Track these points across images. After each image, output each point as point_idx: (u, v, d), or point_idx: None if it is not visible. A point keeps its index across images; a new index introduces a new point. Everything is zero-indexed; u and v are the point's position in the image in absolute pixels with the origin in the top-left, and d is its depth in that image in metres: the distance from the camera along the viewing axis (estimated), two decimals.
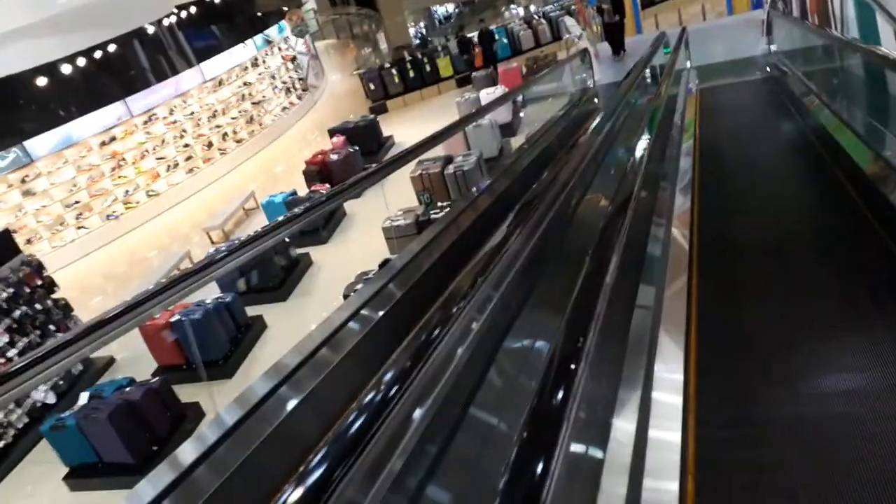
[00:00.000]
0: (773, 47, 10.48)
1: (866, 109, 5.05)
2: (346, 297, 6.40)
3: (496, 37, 17.56)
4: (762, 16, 11.49)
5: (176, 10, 14.90)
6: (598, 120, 5.47)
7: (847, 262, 3.73)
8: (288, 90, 19.16)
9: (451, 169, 9.22)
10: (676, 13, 16.14)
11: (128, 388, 6.11)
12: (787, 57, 9.05)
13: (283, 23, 19.70)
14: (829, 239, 4.09)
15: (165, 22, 14.63)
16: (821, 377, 2.83)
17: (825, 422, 2.53)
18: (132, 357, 7.72)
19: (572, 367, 1.84)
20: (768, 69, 9.83)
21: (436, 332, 2.42)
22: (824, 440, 2.43)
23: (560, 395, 1.68)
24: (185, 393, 6.60)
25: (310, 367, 2.57)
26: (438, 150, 9.67)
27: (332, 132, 13.31)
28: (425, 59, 17.69)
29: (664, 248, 3.85)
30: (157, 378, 6.49)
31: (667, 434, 2.33)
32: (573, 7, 18.23)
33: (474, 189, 4.93)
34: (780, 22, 10.13)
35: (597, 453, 2.03)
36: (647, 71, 8.66)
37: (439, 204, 8.29)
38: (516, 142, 11.40)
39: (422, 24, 26.86)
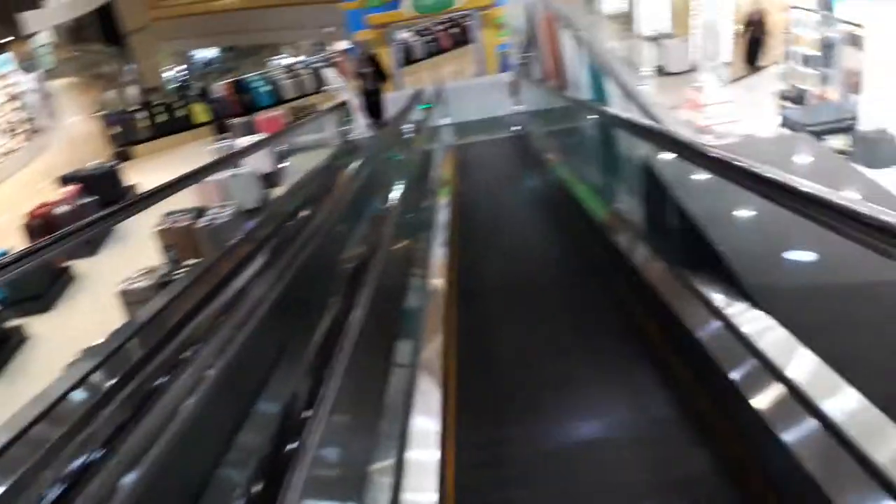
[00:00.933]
0: (520, 107, 11.37)
1: (597, 163, 5.49)
2: None
3: (250, 86, 17.09)
4: (509, 78, 12.46)
5: None
6: (356, 171, 5.37)
7: (588, 304, 4.06)
8: (11, 132, 16.62)
9: (202, 222, 8.42)
10: (435, 72, 17.01)
11: None
12: (531, 116, 9.82)
13: (5, 56, 17.20)
14: (573, 282, 4.43)
15: None
16: (572, 422, 3.01)
17: (571, 462, 2.72)
18: None
19: (304, 418, 1.66)
20: (517, 127, 10.60)
21: (157, 384, 2.32)
22: (570, 480, 2.60)
23: (290, 447, 1.52)
24: None
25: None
26: (191, 202, 8.87)
27: (65, 180, 11.88)
28: (179, 104, 16.54)
29: (421, 299, 3.82)
30: None
31: (423, 495, 2.30)
32: (335, 59, 18.39)
33: (226, 243, 4.56)
34: (524, 83, 11.04)
35: None
36: (406, 126, 8.82)
37: (186, 262, 7.42)
38: (279, 193, 10.94)
39: (183, 67, 25.30)
